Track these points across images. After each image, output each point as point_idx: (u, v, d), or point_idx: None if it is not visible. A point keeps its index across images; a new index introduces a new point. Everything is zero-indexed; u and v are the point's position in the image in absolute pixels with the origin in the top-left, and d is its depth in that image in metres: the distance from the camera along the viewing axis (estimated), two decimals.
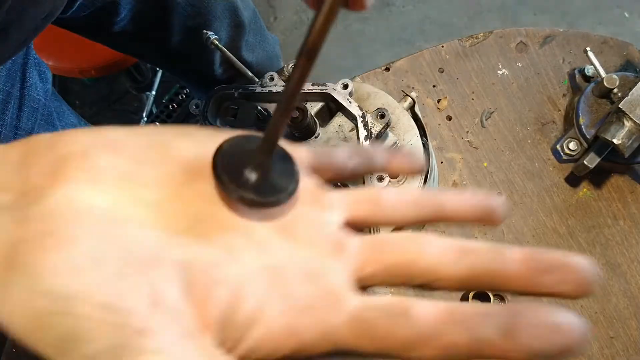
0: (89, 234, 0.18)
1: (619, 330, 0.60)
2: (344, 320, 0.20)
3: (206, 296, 0.19)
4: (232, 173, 0.20)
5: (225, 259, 0.20)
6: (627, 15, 1.37)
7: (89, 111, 1.39)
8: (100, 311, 0.16)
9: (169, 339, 0.17)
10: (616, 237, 0.62)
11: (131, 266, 0.18)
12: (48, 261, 0.17)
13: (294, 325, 0.20)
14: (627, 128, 0.55)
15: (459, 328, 0.19)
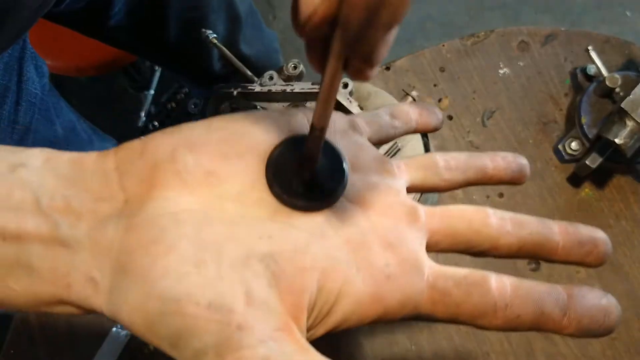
0: (187, 239, 0.20)
1: (621, 331, 0.59)
2: (423, 287, 0.23)
3: (293, 286, 0.20)
4: (283, 182, 0.22)
5: (309, 240, 0.22)
6: (629, 14, 1.37)
7: (87, 110, 1.39)
8: (206, 310, 0.19)
9: (263, 333, 0.19)
10: (618, 237, 0.62)
11: (226, 266, 0.20)
12: (157, 267, 0.19)
13: (378, 293, 0.22)
14: (630, 128, 0.55)
15: (526, 301, 0.22)
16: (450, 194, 0.63)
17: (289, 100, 0.52)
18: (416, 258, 0.23)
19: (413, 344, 0.59)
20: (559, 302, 0.22)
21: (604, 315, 0.22)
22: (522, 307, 0.22)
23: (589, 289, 0.23)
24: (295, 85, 0.51)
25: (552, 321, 0.22)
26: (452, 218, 0.25)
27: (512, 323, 0.22)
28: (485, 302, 0.22)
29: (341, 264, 0.22)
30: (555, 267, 0.61)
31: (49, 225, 0.20)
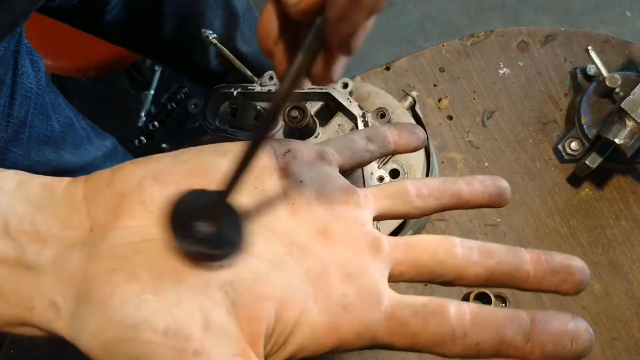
0: (147, 267, 0.20)
1: (620, 331, 0.59)
2: (381, 318, 0.23)
3: (252, 313, 0.21)
4: (186, 228, 0.21)
5: (269, 270, 0.22)
6: (629, 14, 1.37)
7: (87, 110, 1.39)
8: (162, 337, 0.19)
9: (220, 358, 0.19)
10: (618, 237, 0.62)
11: (185, 293, 0.20)
12: (116, 295, 0.20)
13: (334, 323, 0.22)
14: (629, 128, 0.55)
15: (486, 329, 0.22)
16: None
17: (289, 100, 0.52)
18: (375, 289, 0.23)
19: None
20: (521, 328, 0.22)
21: (570, 340, 0.22)
22: (481, 334, 0.22)
23: (556, 313, 0.22)
24: None
25: (514, 348, 0.22)
26: (416, 250, 0.25)
27: (472, 351, 0.22)
28: (442, 331, 0.22)
29: (299, 294, 0.22)
30: None
31: (15, 249, 0.21)
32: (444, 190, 0.28)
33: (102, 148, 0.71)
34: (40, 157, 0.56)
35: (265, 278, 0.22)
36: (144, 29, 0.69)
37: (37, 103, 0.54)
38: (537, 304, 0.60)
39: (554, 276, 0.24)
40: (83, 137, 0.66)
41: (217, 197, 0.22)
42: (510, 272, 0.24)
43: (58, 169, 0.60)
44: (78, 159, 0.64)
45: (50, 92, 0.59)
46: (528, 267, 0.24)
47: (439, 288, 0.61)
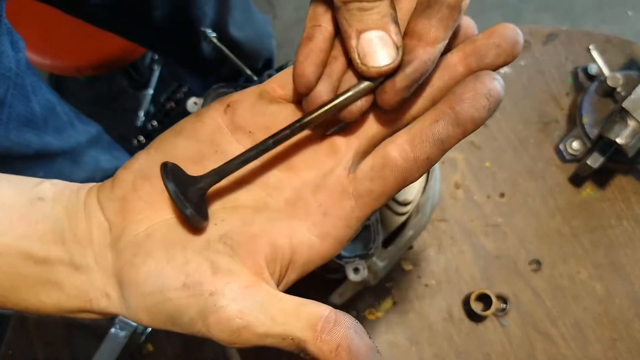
0: (158, 245, 0.26)
1: (622, 332, 0.59)
2: (353, 202, 0.27)
3: (249, 251, 0.26)
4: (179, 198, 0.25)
5: (254, 213, 0.27)
6: (630, 14, 1.37)
7: (86, 110, 1.38)
8: (182, 291, 0.24)
9: (234, 292, 0.24)
10: (620, 237, 0.61)
11: (191, 254, 0.25)
12: (140, 274, 0.25)
13: (323, 231, 0.26)
14: (631, 127, 0.55)
15: (426, 144, 0.26)
16: (451, 194, 0.63)
17: None
18: (340, 184, 0.27)
19: (414, 345, 0.59)
20: (449, 121, 0.25)
21: (487, 98, 0.25)
22: (426, 150, 0.26)
23: (463, 88, 0.25)
24: None
25: (454, 137, 0.25)
26: (363, 130, 0.27)
27: (429, 163, 0.26)
28: (398, 173, 0.26)
29: (284, 222, 0.27)
30: (557, 267, 0.61)
31: (67, 253, 0.26)
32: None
33: (86, 134, 0.70)
34: (20, 138, 0.56)
35: (252, 220, 0.26)
36: (132, 13, 0.67)
37: (17, 84, 0.54)
38: (538, 303, 0.60)
39: (486, 58, 0.26)
40: (65, 121, 0.65)
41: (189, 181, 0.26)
42: (447, 82, 0.27)
43: (39, 152, 0.60)
44: (61, 142, 0.64)
45: (32, 74, 0.58)
46: (459, 69, 0.26)
47: (439, 288, 0.60)
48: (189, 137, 0.27)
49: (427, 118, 0.26)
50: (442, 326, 0.59)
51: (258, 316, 0.24)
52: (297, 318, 0.24)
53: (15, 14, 0.98)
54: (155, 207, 0.27)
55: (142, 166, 0.27)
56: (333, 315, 0.24)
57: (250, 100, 0.28)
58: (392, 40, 0.24)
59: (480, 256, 0.61)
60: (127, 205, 0.27)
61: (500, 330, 0.59)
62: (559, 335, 0.59)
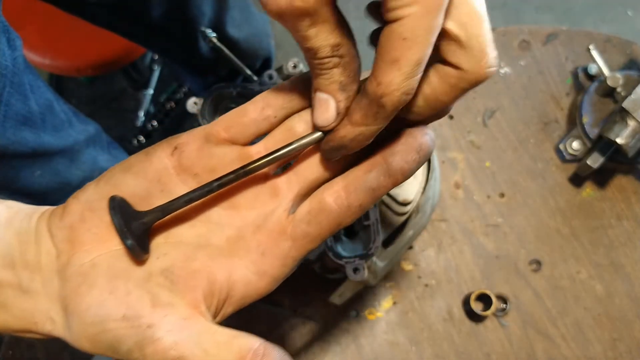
0: (102, 275, 0.27)
1: (622, 332, 0.59)
2: (291, 243, 0.28)
3: (188, 285, 0.27)
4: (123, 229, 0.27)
5: (196, 249, 0.28)
6: (630, 14, 1.37)
7: (86, 110, 1.38)
8: (122, 322, 0.26)
9: (170, 325, 0.25)
10: (620, 237, 0.61)
11: (132, 286, 0.27)
12: (84, 303, 0.26)
13: (260, 269, 0.28)
14: (631, 127, 0.55)
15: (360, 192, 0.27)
16: (451, 194, 0.63)
17: None
18: (279, 225, 0.29)
19: (414, 345, 0.59)
20: (381, 171, 0.27)
21: (417, 152, 0.27)
22: (359, 198, 0.27)
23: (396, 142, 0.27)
24: None
25: (385, 187, 0.27)
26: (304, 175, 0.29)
27: (359, 209, 0.28)
28: (332, 218, 0.28)
29: (223, 259, 0.28)
30: (557, 267, 0.61)
31: (16, 277, 0.28)
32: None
33: (84, 133, 0.70)
34: (17, 136, 0.56)
35: (194, 256, 0.28)
36: (130, 12, 0.67)
37: (14, 82, 0.54)
38: (538, 303, 0.60)
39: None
40: (63, 120, 0.65)
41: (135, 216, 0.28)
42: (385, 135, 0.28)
43: (36, 150, 0.60)
44: (58, 141, 0.64)
45: (30, 73, 0.58)
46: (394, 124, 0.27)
47: (439, 288, 0.60)
48: (137, 175, 0.29)
49: (362, 167, 0.28)
50: (442, 326, 0.59)
51: (192, 348, 0.25)
52: (229, 350, 0.25)
53: (16, 14, 0.99)
54: (102, 239, 0.28)
55: (90, 198, 0.29)
56: (262, 348, 0.26)
57: (197, 142, 0.29)
58: (334, 106, 0.26)
59: (480, 256, 0.61)
60: (75, 235, 0.28)
61: (500, 330, 0.59)
62: (559, 335, 0.59)
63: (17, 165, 0.60)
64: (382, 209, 0.52)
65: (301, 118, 0.29)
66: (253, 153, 0.29)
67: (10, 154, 0.57)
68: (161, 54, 1.10)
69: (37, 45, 0.98)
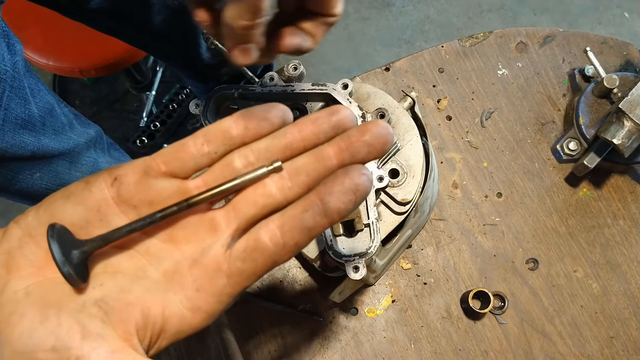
0: (34, 305, 0.27)
1: (618, 330, 0.60)
2: (225, 281, 0.28)
3: (121, 317, 0.27)
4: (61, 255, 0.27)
5: (132, 281, 0.28)
6: (627, 15, 1.37)
7: (89, 111, 1.39)
8: (50, 353, 0.25)
9: (100, 357, 0.25)
10: (616, 237, 0.62)
11: (64, 316, 0.26)
12: (15, 332, 0.26)
13: (195, 305, 0.28)
14: (627, 128, 0.55)
15: (295, 231, 0.27)
16: (449, 194, 0.64)
17: (290, 100, 0.52)
18: (215, 261, 0.28)
19: (412, 343, 0.60)
20: (317, 211, 0.27)
21: (354, 193, 0.27)
22: (294, 237, 0.27)
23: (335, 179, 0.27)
24: (296, 86, 0.51)
25: (321, 226, 0.27)
26: (241, 209, 0.29)
27: (296, 247, 0.28)
28: (268, 256, 0.28)
29: (159, 293, 0.28)
30: (554, 266, 0.62)
31: None
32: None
33: (85, 135, 0.70)
34: (16, 140, 0.57)
35: (130, 288, 0.28)
36: (130, 18, 0.68)
37: (14, 86, 0.54)
38: (535, 301, 0.60)
39: (358, 154, 0.28)
40: (64, 123, 0.66)
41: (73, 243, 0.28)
42: (321, 173, 0.28)
43: (36, 153, 0.61)
44: (58, 144, 0.64)
45: (30, 77, 0.58)
46: (334, 162, 0.28)
47: (437, 286, 0.61)
48: (76, 203, 0.29)
49: (299, 206, 0.28)
50: (440, 324, 0.60)
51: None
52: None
53: (19, 15, 1.00)
54: (38, 266, 0.28)
55: (30, 224, 0.29)
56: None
57: (137, 174, 0.29)
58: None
59: (478, 255, 0.62)
60: (11, 261, 0.28)
61: (497, 328, 0.60)
62: (556, 333, 0.60)
63: (16, 168, 0.61)
64: (381, 208, 0.52)
65: (241, 154, 0.29)
66: (192, 187, 0.29)
67: (10, 156, 0.58)
68: (162, 60, 1.11)
69: (41, 47, 0.99)
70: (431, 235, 0.63)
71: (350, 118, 0.29)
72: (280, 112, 0.30)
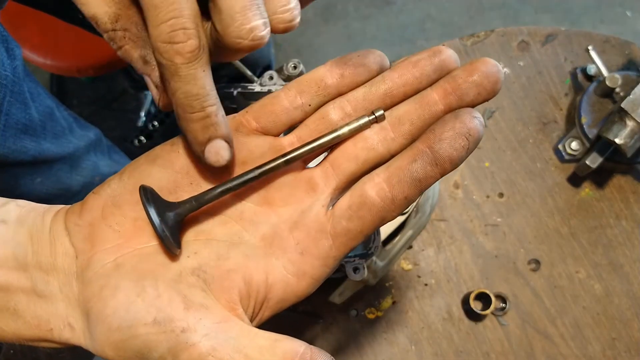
0: (127, 277, 0.24)
1: (621, 332, 0.59)
2: (330, 242, 0.26)
3: (223, 286, 0.25)
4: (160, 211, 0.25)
5: (229, 247, 0.26)
6: (629, 14, 1.37)
7: (87, 110, 1.39)
8: (152, 327, 0.23)
9: (206, 328, 0.23)
10: (618, 237, 0.62)
11: (162, 287, 0.24)
12: (108, 307, 0.24)
13: (300, 270, 0.26)
14: (630, 127, 0.55)
15: (404, 183, 0.25)
16: (450, 194, 0.63)
17: None
18: (318, 222, 0.26)
19: (413, 344, 0.59)
20: (427, 160, 0.25)
21: (466, 138, 0.25)
22: (404, 190, 0.25)
23: (442, 127, 0.25)
24: None
25: (432, 177, 0.25)
26: (341, 167, 0.27)
27: (405, 202, 0.25)
28: (375, 213, 0.25)
29: (260, 259, 0.26)
30: (555, 267, 0.61)
31: (28, 280, 0.25)
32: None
33: (85, 139, 0.70)
34: (17, 145, 0.56)
35: (227, 255, 0.26)
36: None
37: (14, 91, 0.54)
38: (537, 302, 0.60)
39: (467, 96, 0.26)
40: (64, 127, 0.65)
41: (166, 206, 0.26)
42: (427, 120, 0.26)
43: (37, 158, 0.60)
44: (58, 148, 0.63)
45: (30, 81, 0.58)
46: (440, 107, 0.26)
47: (438, 287, 0.61)
48: (164, 166, 0.27)
49: (406, 157, 0.25)
50: (441, 325, 0.60)
51: (232, 354, 0.23)
52: (272, 355, 0.23)
53: (17, 14, 0.99)
54: (126, 237, 0.26)
55: (113, 192, 0.27)
56: (309, 352, 0.24)
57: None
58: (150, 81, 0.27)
59: (480, 256, 0.61)
60: (95, 233, 0.26)
61: (499, 330, 0.60)
62: (557, 335, 0.59)
63: (17, 173, 0.60)
64: None
65: (337, 105, 0.27)
66: (285, 144, 0.27)
67: (11, 162, 0.57)
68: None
69: (39, 46, 0.99)
70: (432, 236, 0.62)
71: (454, 58, 0.27)
72: (377, 58, 0.27)
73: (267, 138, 0.27)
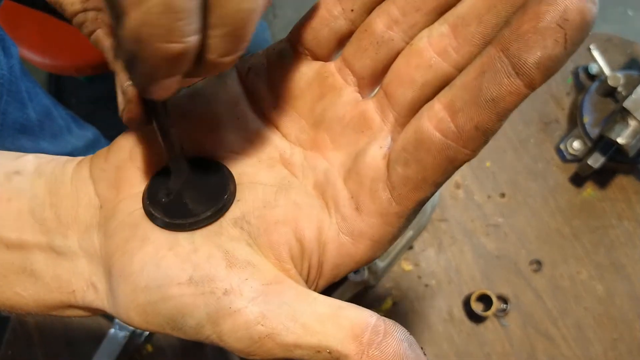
0: (156, 227, 0.20)
1: (623, 333, 0.59)
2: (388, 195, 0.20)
3: (271, 239, 0.20)
4: (153, 197, 0.21)
5: (277, 194, 0.21)
6: (631, 14, 1.36)
7: (85, 109, 1.38)
8: (189, 287, 0.19)
9: (253, 291, 0.19)
10: (621, 238, 0.61)
11: (199, 240, 0.20)
12: (134, 262, 0.20)
13: (356, 230, 0.21)
14: (632, 127, 0.55)
15: (470, 110, 0.18)
16: (451, 194, 0.63)
17: None
18: (375, 169, 0.20)
19: None
20: (502, 68, 0.17)
21: (561, 27, 0.16)
22: (473, 116, 0.18)
23: (521, 18, 0.17)
24: None
25: (513, 95, 0.18)
26: (395, 95, 0.21)
27: (481, 134, 0.18)
28: (437, 153, 0.19)
29: (312, 210, 0.21)
30: (557, 267, 0.61)
31: (45, 235, 0.21)
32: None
33: (83, 138, 0.69)
34: (15, 145, 0.56)
35: (275, 202, 0.21)
36: None
37: (11, 90, 0.53)
38: (538, 303, 0.60)
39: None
40: (62, 126, 0.65)
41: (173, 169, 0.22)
42: (502, 14, 0.18)
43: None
44: (56, 148, 0.63)
45: (27, 80, 0.57)
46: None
47: (439, 288, 0.60)
48: (207, 101, 0.22)
49: (472, 69, 0.18)
50: (442, 326, 0.59)
51: (286, 322, 0.18)
52: (337, 326, 0.18)
53: (14, 13, 0.98)
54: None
55: (145, 132, 0.22)
56: (382, 324, 0.19)
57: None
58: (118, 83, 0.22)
59: (481, 256, 0.61)
60: (122, 176, 0.22)
61: (500, 331, 0.59)
62: (559, 336, 0.59)
63: None
64: None
65: (381, 11, 0.21)
66: (334, 70, 0.22)
67: None
68: None
69: (36, 45, 0.98)
70: (433, 236, 0.62)
71: None
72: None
73: (313, 64, 0.22)
